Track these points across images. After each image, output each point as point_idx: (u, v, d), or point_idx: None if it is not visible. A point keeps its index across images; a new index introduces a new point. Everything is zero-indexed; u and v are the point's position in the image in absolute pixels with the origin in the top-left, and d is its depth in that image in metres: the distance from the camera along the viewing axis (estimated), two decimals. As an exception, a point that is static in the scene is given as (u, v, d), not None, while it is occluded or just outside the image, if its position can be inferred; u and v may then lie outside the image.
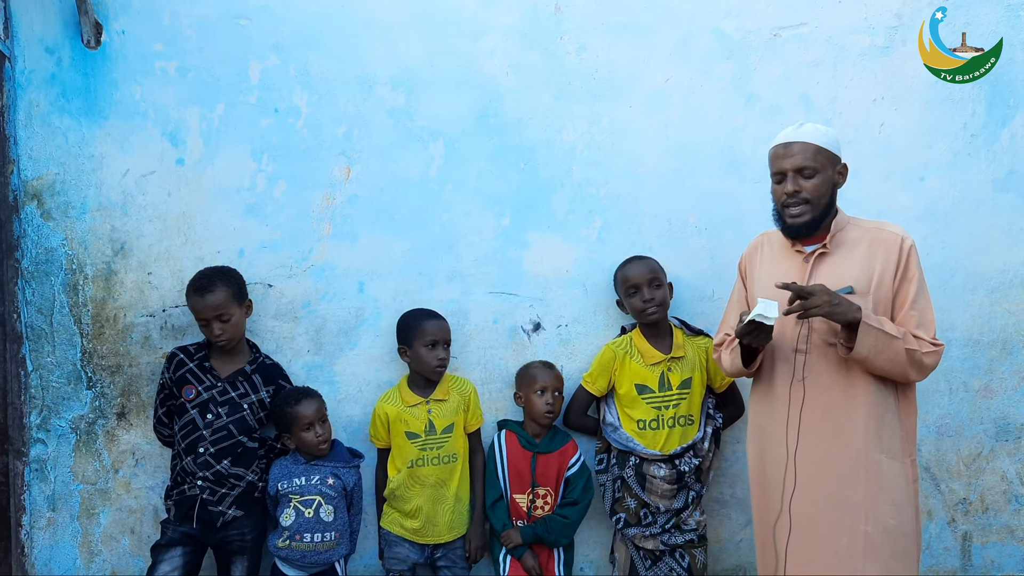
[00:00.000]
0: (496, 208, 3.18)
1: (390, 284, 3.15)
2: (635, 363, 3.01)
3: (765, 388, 2.59)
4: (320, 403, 2.90)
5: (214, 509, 2.84)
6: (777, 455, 2.51)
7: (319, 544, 2.83)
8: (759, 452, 2.62)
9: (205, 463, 2.84)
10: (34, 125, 3.03)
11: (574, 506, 3.02)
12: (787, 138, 2.52)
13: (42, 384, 3.07)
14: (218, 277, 2.89)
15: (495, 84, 3.16)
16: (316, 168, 3.12)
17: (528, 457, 3.02)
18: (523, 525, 2.99)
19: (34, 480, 3.09)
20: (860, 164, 3.18)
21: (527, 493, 3.01)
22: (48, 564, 3.12)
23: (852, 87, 3.20)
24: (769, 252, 2.67)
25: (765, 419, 2.59)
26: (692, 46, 3.19)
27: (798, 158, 2.47)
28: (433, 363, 2.95)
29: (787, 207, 2.50)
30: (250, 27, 3.08)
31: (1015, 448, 3.30)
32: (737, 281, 2.78)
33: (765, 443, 2.57)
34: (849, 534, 2.39)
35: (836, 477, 2.41)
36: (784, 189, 2.49)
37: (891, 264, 2.45)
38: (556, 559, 3.04)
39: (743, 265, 2.75)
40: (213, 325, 2.82)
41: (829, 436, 2.43)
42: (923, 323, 2.43)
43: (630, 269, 3.03)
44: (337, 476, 2.90)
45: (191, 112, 3.07)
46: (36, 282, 3.05)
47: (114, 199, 3.06)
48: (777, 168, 2.52)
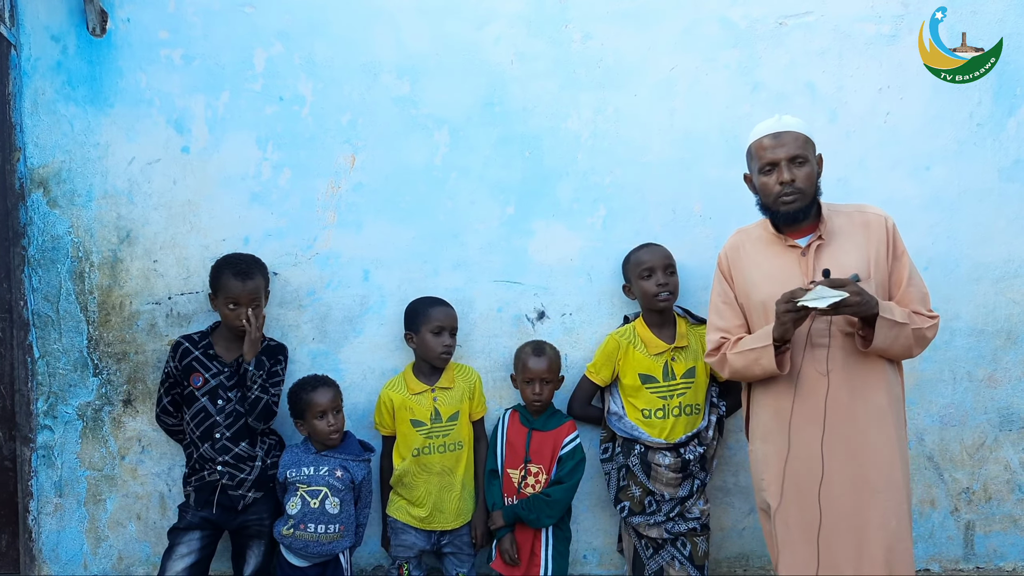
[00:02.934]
0: (501, 196, 3.18)
1: (395, 272, 3.16)
2: (639, 353, 3.01)
3: (785, 385, 2.52)
4: (336, 392, 2.91)
5: (234, 493, 2.87)
6: (811, 451, 2.44)
7: (323, 535, 2.83)
8: (780, 449, 2.53)
9: (224, 448, 2.86)
10: (40, 113, 3.04)
11: (559, 485, 2.98)
12: (773, 129, 2.52)
13: (49, 371, 3.09)
14: (255, 264, 2.93)
15: (500, 72, 3.16)
16: (321, 156, 3.12)
17: (524, 433, 3.03)
18: (505, 505, 2.99)
19: (41, 466, 3.11)
20: (866, 153, 3.17)
21: (519, 468, 3.01)
22: (55, 549, 3.15)
23: (858, 76, 3.19)
24: (755, 249, 2.63)
25: (794, 415, 2.49)
26: (698, 34, 3.18)
27: (791, 147, 2.48)
28: (438, 350, 2.96)
29: (781, 197, 2.48)
30: (255, 15, 3.09)
31: (1019, 438, 3.30)
32: (719, 283, 2.72)
33: (793, 438, 2.49)
34: (896, 515, 2.42)
35: (877, 463, 2.43)
36: (779, 178, 2.48)
37: (883, 246, 2.50)
38: (544, 542, 2.99)
39: (725, 266, 2.70)
40: (245, 310, 2.83)
41: (862, 424, 2.43)
42: (921, 297, 2.51)
43: (645, 253, 3.03)
44: (346, 469, 2.90)
45: (196, 100, 3.08)
46: (42, 269, 3.06)
47: (120, 187, 3.07)
48: (768, 159, 2.51)
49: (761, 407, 2.62)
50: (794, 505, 2.51)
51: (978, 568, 3.32)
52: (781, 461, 2.51)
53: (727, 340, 2.63)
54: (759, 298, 2.56)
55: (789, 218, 2.51)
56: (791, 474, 2.50)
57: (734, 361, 2.58)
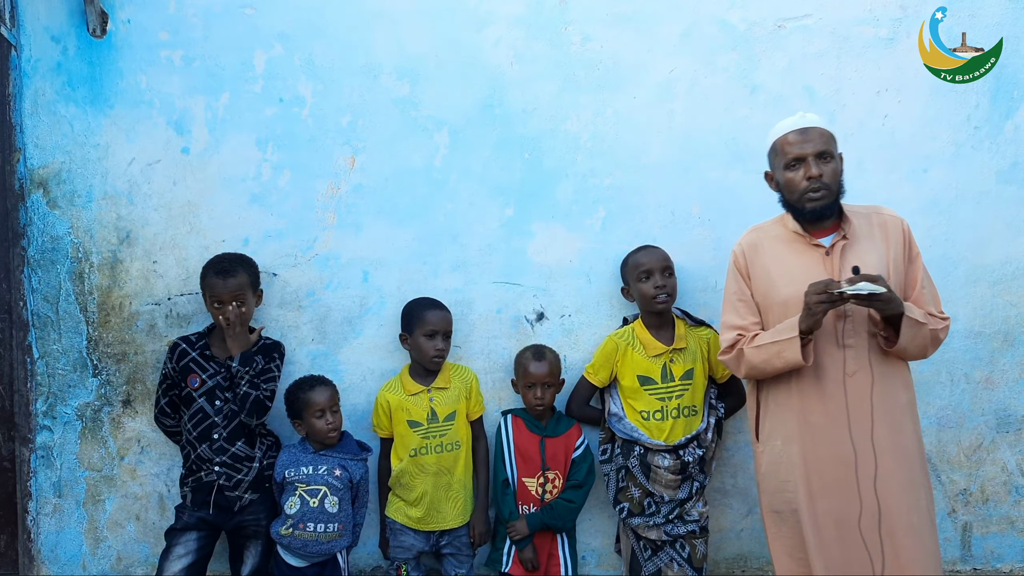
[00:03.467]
0: (500, 198, 3.19)
1: (394, 273, 3.17)
2: (637, 354, 3.02)
3: (811, 385, 2.48)
4: (333, 391, 2.94)
5: (231, 494, 2.87)
6: (841, 453, 2.43)
7: (322, 534, 2.84)
8: (806, 451, 2.48)
9: (221, 448, 2.87)
10: (40, 114, 3.04)
11: (578, 489, 3.04)
12: (799, 125, 2.51)
13: (48, 371, 3.09)
14: (239, 262, 2.93)
15: (500, 74, 3.17)
16: (321, 157, 3.13)
17: (536, 441, 3.03)
18: (530, 513, 3.01)
19: (40, 467, 3.12)
20: (864, 156, 3.18)
21: (537, 476, 3.02)
22: (54, 550, 3.15)
23: (856, 79, 3.20)
24: (774, 247, 2.60)
25: (815, 416, 2.48)
26: (697, 37, 3.19)
27: (819, 143, 2.47)
28: (431, 353, 2.97)
29: (807, 193, 2.46)
30: (255, 16, 3.09)
31: (1016, 439, 3.31)
32: (735, 280, 2.67)
33: (818, 440, 2.46)
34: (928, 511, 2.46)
35: (908, 460, 2.45)
36: (807, 173, 2.45)
37: (900, 248, 2.52)
38: (560, 542, 3.06)
39: (742, 263, 2.65)
40: (228, 308, 2.84)
41: (888, 422, 2.44)
42: (934, 299, 2.56)
43: (643, 255, 3.04)
44: (344, 468, 2.91)
45: (196, 101, 3.09)
46: (42, 270, 3.07)
47: (120, 188, 3.08)
48: (795, 154, 2.48)
49: (781, 408, 2.56)
50: (829, 505, 2.45)
51: (975, 569, 3.33)
52: (810, 461, 2.48)
53: (743, 337, 2.59)
54: (780, 297, 2.53)
55: (816, 215, 2.49)
56: (821, 474, 2.47)
57: (752, 357, 2.52)
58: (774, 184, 2.63)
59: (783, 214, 2.63)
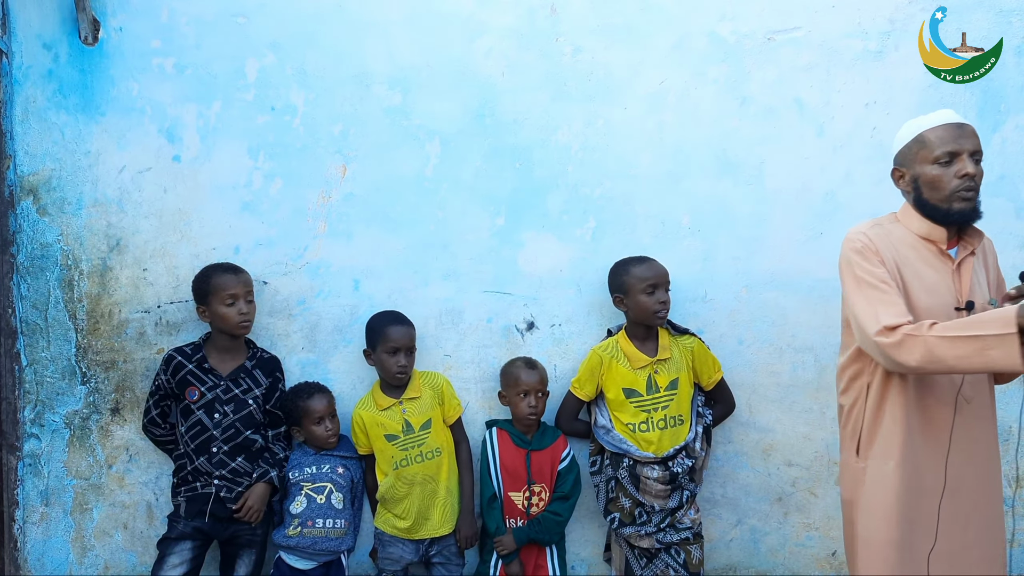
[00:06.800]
0: (491, 207, 3.20)
1: (385, 282, 3.17)
2: (622, 367, 3.01)
3: (914, 408, 2.28)
4: (330, 398, 2.99)
5: (231, 506, 2.88)
6: (935, 483, 2.27)
7: (331, 530, 2.88)
8: (908, 479, 2.28)
9: (220, 462, 2.87)
10: (31, 120, 3.03)
11: (565, 501, 3.04)
12: (954, 119, 2.28)
13: (36, 379, 3.08)
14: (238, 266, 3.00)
15: (491, 84, 3.18)
16: (312, 166, 3.13)
17: (522, 455, 3.03)
18: (516, 527, 3.01)
19: (27, 475, 3.10)
20: (852, 167, 3.21)
21: (523, 491, 3.02)
22: (41, 559, 3.13)
23: (845, 91, 3.23)
24: (901, 248, 2.32)
25: (917, 438, 2.28)
26: (687, 49, 3.21)
27: (976, 141, 2.26)
28: (394, 369, 2.95)
29: (959, 191, 2.23)
30: (247, 25, 3.10)
31: (1003, 451, 3.31)
32: (869, 262, 2.28)
33: (920, 465, 2.28)
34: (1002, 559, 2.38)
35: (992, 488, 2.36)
36: (964, 170, 2.22)
37: (996, 271, 2.43)
38: (549, 553, 3.06)
39: (876, 251, 2.29)
40: (241, 303, 2.87)
41: (984, 452, 2.33)
42: None
43: (649, 268, 2.98)
44: (346, 467, 2.98)
45: (188, 109, 3.09)
46: (31, 277, 3.06)
47: (110, 195, 3.07)
48: (950, 148, 2.23)
49: (898, 426, 2.29)
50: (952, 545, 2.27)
51: None
52: (937, 496, 2.27)
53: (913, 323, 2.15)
54: (921, 304, 2.25)
55: (964, 217, 2.26)
56: (925, 512, 2.28)
57: (941, 348, 2.06)
58: (905, 182, 2.39)
59: (894, 213, 2.43)
